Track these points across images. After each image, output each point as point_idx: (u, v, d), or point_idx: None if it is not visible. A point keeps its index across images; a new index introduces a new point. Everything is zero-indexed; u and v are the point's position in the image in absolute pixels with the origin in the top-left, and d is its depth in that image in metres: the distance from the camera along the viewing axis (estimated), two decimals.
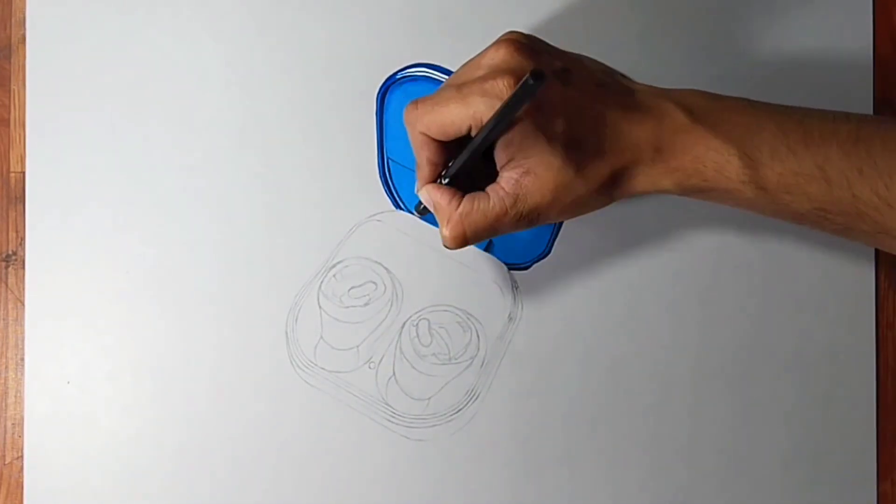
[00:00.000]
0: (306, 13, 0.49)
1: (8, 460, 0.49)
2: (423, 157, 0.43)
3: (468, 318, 0.49)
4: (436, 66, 0.49)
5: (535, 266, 0.49)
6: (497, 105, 0.38)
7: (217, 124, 0.49)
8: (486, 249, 0.49)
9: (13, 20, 0.49)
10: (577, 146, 0.40)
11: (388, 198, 0.49)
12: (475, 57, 0.41)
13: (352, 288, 0.49)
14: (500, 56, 0.40)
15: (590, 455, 0.49)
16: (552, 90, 0.40)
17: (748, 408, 0.49)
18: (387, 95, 0.49)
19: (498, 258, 0.49)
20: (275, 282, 0.49)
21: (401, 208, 0.49)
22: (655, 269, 0.49)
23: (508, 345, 0.49)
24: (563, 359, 0.49)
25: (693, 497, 0.49)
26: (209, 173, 0.49)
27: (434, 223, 0.48)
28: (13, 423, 0.49)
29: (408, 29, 0.49)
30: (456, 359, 0.49)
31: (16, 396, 0.49)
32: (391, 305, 0.49)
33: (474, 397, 0.49)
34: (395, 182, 0.49)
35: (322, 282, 0.49)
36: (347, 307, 0.49)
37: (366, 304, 0.49)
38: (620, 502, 0.49)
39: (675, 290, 0.49)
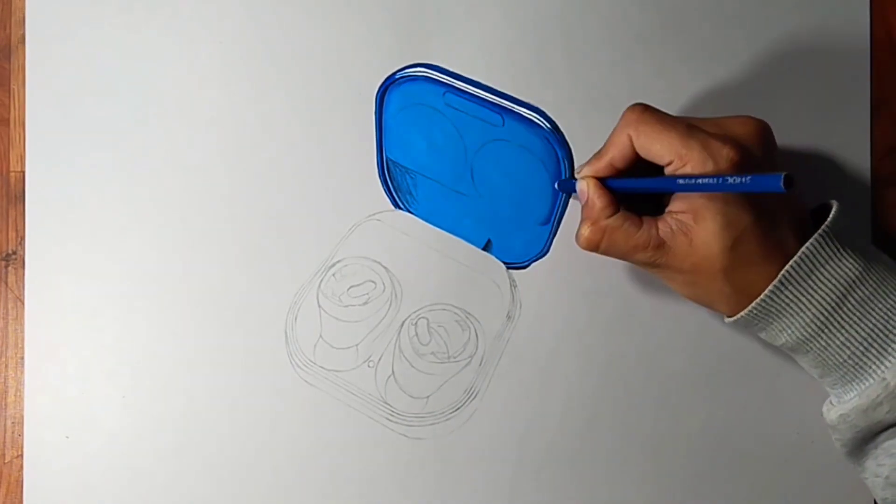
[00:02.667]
0: (306, 13, 0.49)
1: (8, 459, 0.49)
2: (609, 153, 0.43)
3: (467, 317, 0.49)
4: (436, 66, 0.49)
5: (533, 265, 0.49)
6: (709, 165, 0.39)
7: (217, 124, 0.49)
8: (485, 248, 0.49)
9: (13, 20, 0.49)
10: (748, 251, 0.40)
11: (387, 197, 0.49)
12: (721, 118, 0.42)
13: (351, 287, 0.49)
14: (744, 131, 0.41)
15: (588, 453, 0.49)
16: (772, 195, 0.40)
17: (747, 407, 0.49)
18: (386, 95, 0.49)
19: (496, 257, 0.49)
20: (274, 281, 0.49)
21: (400, 208, 0.49)
22: None
23: (507, 343, 0.49)
24: (562, 357, 0.49)
25: (692, 496, 0.49)
26: (209, 173, 0.49)
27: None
28: (13, 422, 0.49)
29: (408, 29, 0.49)
30: (454, 357, 0.49)
31: (16, 395, 0.49)
32: (390, 304, 0.49)
33: (473, 396, 0.49)
34: (394, 182, 0.49)
35: (321, 281, 0.49)
36: (347, 306, 0.49)
37: (365, 303, 0.49)
38: (619, 500, 0.49)
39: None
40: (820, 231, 0.40)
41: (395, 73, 0.49)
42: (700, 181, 0.39)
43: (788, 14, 0.50)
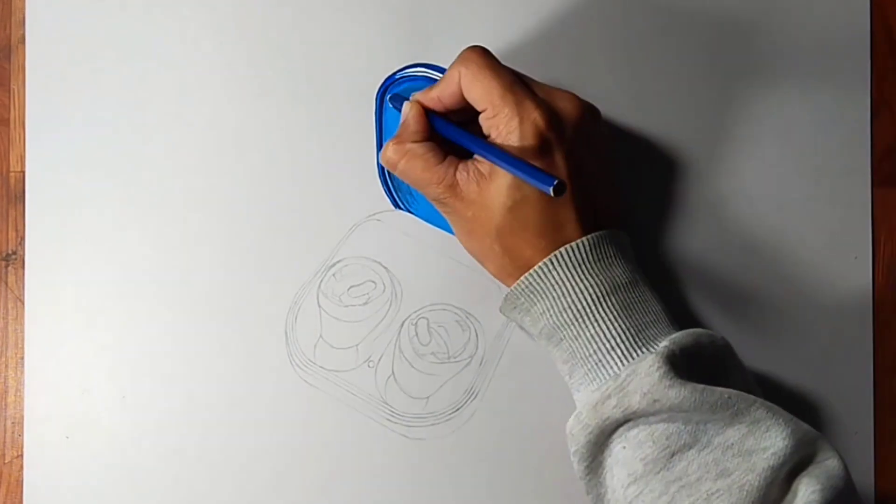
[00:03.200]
0: (306, 13, 0.49)
1: (8, 459, 0.49)
2: (439, 87, 0.44)
3: (467, 317, 0.49)
4: (436, 66, 0.49)
5: None
6: (514, 122, 0.41)
7: (217, 124, 0.49)
8: None
9: (13, 20, 0.49)
10: (525, 217, 0.41)
11: (387, 197, 0.49)
12: (553, 86, 0.43)
13: (351, 287, 0.49)
14: (564, 106, 0.42)
15: None
16: (558, 152, 0.41)
17: None
18: (386, 95, 0.49)
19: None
20: (274, 281, 0.49)
21: (400, 208, 0.49)
22: (654, 268, 0.49)
23: (507, 343, 0.49)
24: None
25: None
26: (209, 173, 0.49)
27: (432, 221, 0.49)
28: (13, 422, 0.49)
29: (408, 29, 0.49)
30: (455, 357, 0.49)
31: (16, 395, 0.49)
32: (390, 304, 0.49)
33: (473, 396, 0.49)
34: (394, 182, 0.49)
35: (321, 281, 0.49)
36: (347, 306, 0.49)
37: (365, 303, 0.49)
38: None
39: (674, 291, 0.49)
40: (610, 230, 0.42)
41: (395, 73, 0.49)
42: (490, 154, 0.40)
43: (788, 14, 0.50)
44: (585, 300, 0.41)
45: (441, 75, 0.49)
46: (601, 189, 0.44)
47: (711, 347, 0.41)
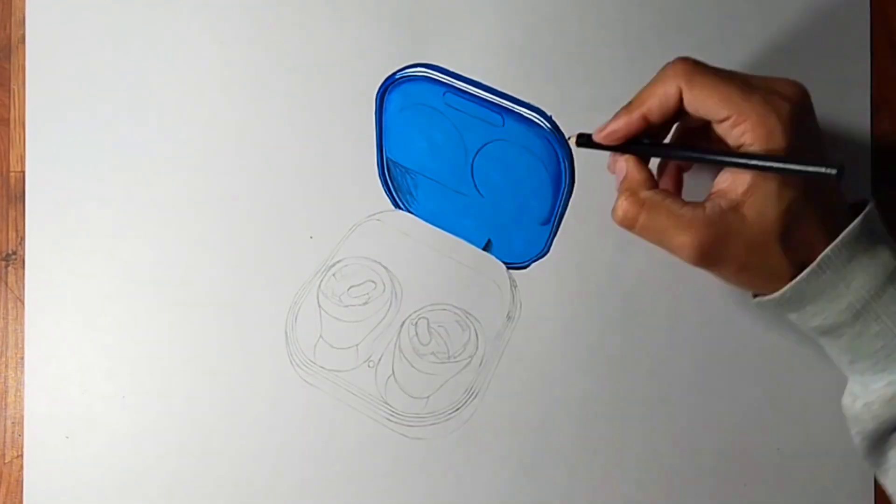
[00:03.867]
0: (306, 13, 0.49)
1: (8, 459, 0.49)
2: (645, 105, 0.40)
3: (467, 317, 0.49)
4: (436, 66, 0.49)
5: (533, 265, 0.49)
6: (771, 120, 0.37)
7: (217, 124, 0.49)
8: (485, 249, 0.49)
9: (13, 20, 0.49)
10: (802, 214, 0.38)
11: (387, 197, 0.49)
12: (768, 77, 0.40)
13: (351, 287, 0.49)
14: (792, 92, 0.38)
15: (588, 453, 0.49)
16: (804, 142, 0.38)
17: (747, 407, 0.49)
18: (386, 95, 0.49)
19: (497, 257, 0.49)
20: (274, 281, 0.49)
21: (400, 208, 0.49)
22: (654, 268, 0.49)
23: (507, 343, 0.49)
24: (562, 357, 0.49)
25: (692, 496, 0.49)
26: (209, 173, 0.49)
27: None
28: (13, 422, 0.49)
29: (408, 29, 0.49)
30: (455, 357, 0.49)
31: (16, 395, 0.49)
32: (390, 304, 0.49)
33: (473, 396, 0.49)
34: (394, 182, 0.49)
35: (322, 281, 0.49)
36: (347, 306, 0.49)
37: (365, 303, 0.49)
38: (619, 500, 0.49)
39: (674, 290, 0.49)
40: (862, 216, 0.39)
41: (395, 73, 0.49)
42: (755, 160, 0.37)
43: (788, 14, 0.50)
44: (862, 298, 0.39)
45: (441, 75, 0.49)
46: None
47: None
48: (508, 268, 0.49)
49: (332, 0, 0.49)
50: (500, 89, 0.49)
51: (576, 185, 0.49)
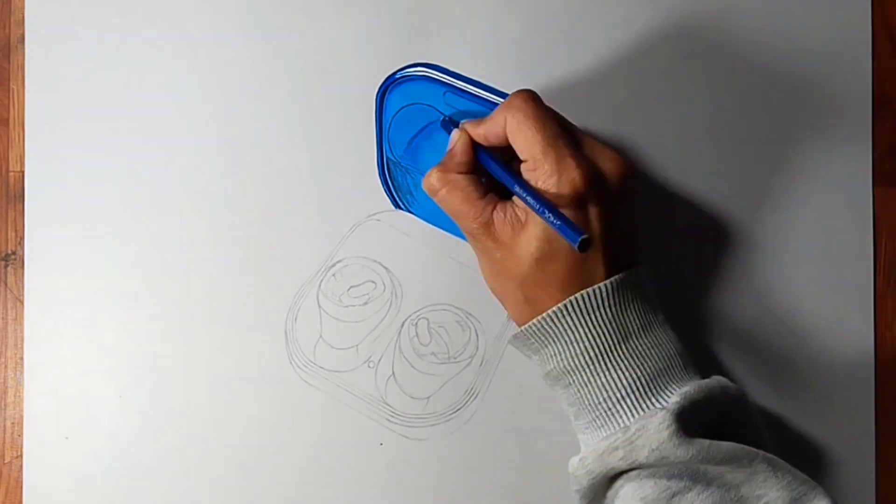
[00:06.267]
0: (306, 13, 0.49)
1: (7, 459, 0.49)
2: (487, 126, 0.43)
3: (467, 318, 0.49)
4: (436, 65, 0.49)
5: None
6: (552, 180, 0.40)
7: (216, 124, 0.49)
8: None
9: (12, 19, 0.49)
10: (551, 267, 0.41)
11: (387, 197, 0.49)
12: (600, 144, 0.43)
13: (351, 287, 0.49)
14: (608, 167, 0.41)
15: None
16: (593, 206, 0.41)
17: None
18: (386, 95, 0.49)
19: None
20: (274, 281, 0.49)
21: (400, 208, 0.49)
22: (654, 268, 0.49)
23: (507, 344, 0.49)
24: None
25: None
26: (208, 173, 0.49)
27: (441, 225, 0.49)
28: (13, 423, 0.49)
29: (408, 29, 0.49)
30: (455, 358, 0.49)
31: (15, 395, 0.49)
32: (390, 305, 0.49)
33: (473, 396, 0.49)
34: (394, 182, 0.49)
35: (321, 281, 0.49)
36: (347, 306, 0.49)
37: (365, 304, 0.49)
38: None
39: (674, 289, 0.49)
40: (629, 270, 0.42)
41: (395, 73, 0.49)
42: (528, 197, 0.40)
43: (789, 14, 0.50)
44: (597, 347, 0.41)
45: (441, 75, 0.49)
46: (625, 236, 0.43)
47: (723, 398, 0.41)
48: None
49: (332, 0, 0.49)
50: (500, 89, 0.49)
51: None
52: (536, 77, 0.49)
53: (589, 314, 0.41)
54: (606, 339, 0.41)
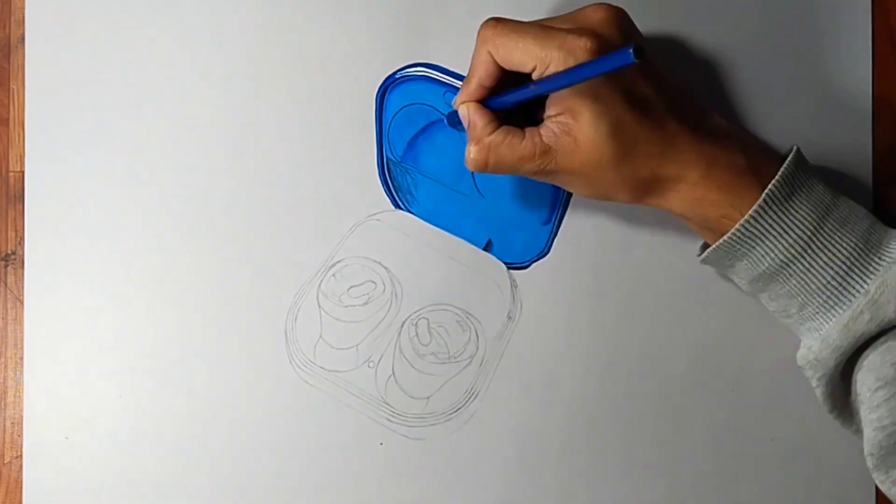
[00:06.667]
0: (306, 13, 0.49)
1: (7, 459, 0.49)
2: (476, 75, 0.43)
3: (467, 317, 0.49)
4: (436, 65, 0.49)
5: (534, 265, 0.49)
6: (570, 61, 0.39)
7: (217, 124, 0.49)
8: (486, 249, 0.49)
9: (12, 19, 0.49)
10: (629, 135, 0.41)
11: (387, 197, 0.49)
12: (573, 11, 0.42)
13: (351, 287, 0.49)
14: (597, 18, 0.41)
15: (589, 454, 0.49)
16: (628, 80, 0.41)
17: (748, 407, 0.49)
18: (386, 95, 0.49)
19: (497, 257, 0.49)
20: (274, 281, 0.49)
21: (400, 208, 0.49)
22: (655, 268, 0.49)
23: (507, 344, 0.49)
24: (562, 358, 0.49)
25: (692, 496, 0.49)
26: (208, 173, 0.49)
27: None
28: (12, 423, 0.49)
29: (408, 29, 0.49)
30: (455, 358, 0.49)
31: (15, 395, 0.49)
32: (390, 304, 0.49)
33: (473, 396, 0.49)
34: (394, 182, 0.49)
35: (321, 281, 0.49)
36: (347, 306, 0.49)
37: (365, 304, 0.49)
38: (620, 500, 0.49)
39: (675, 290, 0.49)
40: (793, 154, 0.41)
41: (395, 73, 0.49)
42: (558, 78, 0.39)
43: (789, 13, 0.50)
44: (808, 229, 0.40)
45: (441, 75, 0.49)
46: (697, 107, 0.43)
47: None
48: (509, 268, 0.49)
49: (332, 0, 0.49)
50: None
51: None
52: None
53: (788, 201, 0.40)
54: (813, 218, 0.41)
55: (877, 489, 0.49)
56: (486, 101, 0.43)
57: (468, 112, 0.43)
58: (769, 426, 0.49)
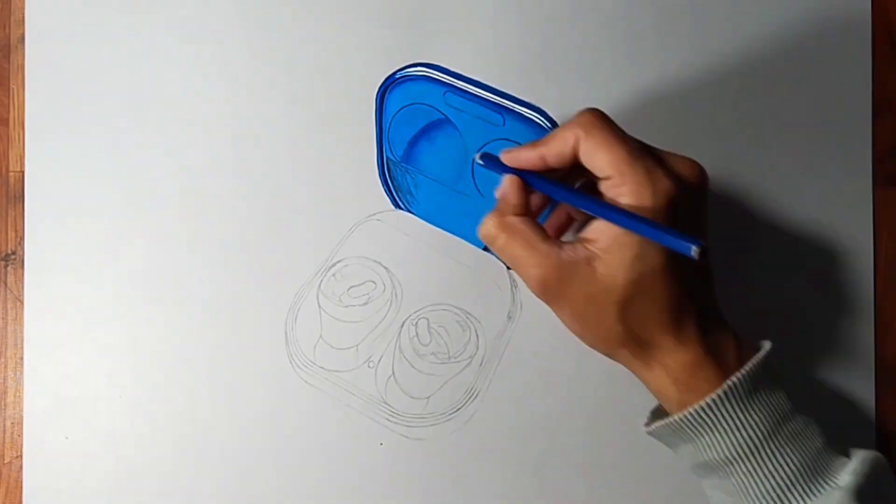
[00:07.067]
0: (306, 13, 0.49)
1: (7, 459, 0.49)
2: (547, 147, 0.40)
3: (467, 318, 0.49)
4: (436, 65, 0.49)
5: None
6: (645, 194, 0.38)
7: (216, 124, 0.49)
8: (486, 249, 0.49)
9: (12, 19, 0.49)
10: (649, 293, 0.38)
11: (387, 197, 0.49)
12: (672, 153, 0.40)
13: (351, 287, 0.49)
14: (687, 172, 0.39)
15: (588, 453, 0.49)
16: (675, 264, 0.38)
17: None
18: (386, 95, 0.49)
19: (497, 257, 0.49)
20: (274, 281, 0.49)
21: (400, 208, 0.49)
22: None
23: (507, 344, 0.49)
24: (562, 357, 0.49)
25: (692, 496, 0.49)
26: (209, 173, 0.49)
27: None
28: (12, 423, 0.49)
29: (408, 29, 0.49)
30: (455, 358, 0.49)
31: (15, 395, 0.49)
32: (390, 304, 0.49)
33: (473, 396, 0.49)
34: (394, 182, 0.49)
35: (322, 281, 0.49)
36: (347, 306, 0.49)
37: (365, 304, 0.49)
38: (619, 501, 0.49)
39: None
40: (765, 352, 0.40)
41: (395, 73, 0.49)
42: (615, 212, 0.38)
43: (789, 13, 0.50)
44: (759, 433, 0.39)
45: (441, 75, 0.49)
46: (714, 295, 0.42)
47: (882, 472, 0.40)
48: (509, 268, 0.49)
49: (332, 0, 0.49)
50: (500, 89, 0.49)
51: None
52: (536, 77, 0.49)
53: (747, 399, 0.39)
54: (767, 423, 0.39)
55: None
56: (531, 178, 0.41)
57: (509, 186, 0.41)
58: None
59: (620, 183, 0.38)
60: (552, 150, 0.40)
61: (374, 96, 0.49)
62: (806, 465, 0.39)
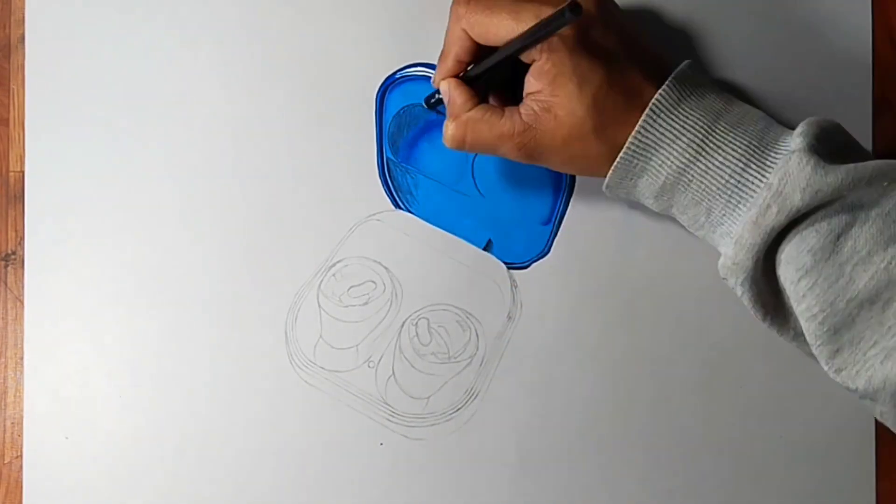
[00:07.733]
0: (306, 13, 0.49)
1: (7, 459, 0.49)
2: (452, 52, 0.43)
3: (467, 318, 0.49)
4: (435, 66, 0.49)
5: (534, 265, 0.49)
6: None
7: (216, 124, 0.49)
8: (486, 249, 0.49)
9: (12, 19, 0.49)
10: (607, 104, 0.41)
11: (387, 197, 0.49)
12: None
13: (351, 287, 0.49)
14: None
15: (588, 454, 0.49)
16: (598, 38, 0.41)
17: (748, 407, 0.49)
18: (386, 95, 0.49)
19: (497, 257, 0.49)
20: (274, 281, 0.49)
21: (400, 208, 0.49)
22: (655, 268, 0.49)
23: (507, 344, 0.49)
24: (562, 358, 0.49)
25: (692, 496, 0.49)
26: (209, 172, 0.49)
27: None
28: (12, 423, 0.49)
29: (408, 29, 0.49)
30: (455, 358, 0.49)
31: (15, 395, 0.49)
32: (390, 304, 0.49)
33: (473, 396, 0.49)
34: (394, 182, 0.49)
35: (322, 281, 0.49)
36: (347, 306, 0.49)
37: (365, 304, 0.49)
38: (619, 501, 0.49)
39: (675, 289, 0.49)
40: (681, 67, 0.42)
41: (395, 73, 0.49)
42: (531, 37, 0.39)
43: (789, 13, 0.50)
44: (699, 133, 0.40)
45: None
46: (649, 49, 0.43)
47: (834, 129, 0.41)
48: (509, 268, 0.49)
49: (332, 0, 0.49)
50: None
51: (576, 184, 0.49)
52: None
53: (675, 108, 0.41)
54: (704, 121, 0.41)
55: (877, 489, 0.49)
56: (464, 75, 0.44)
57: (448, 88, 0.44)
58: (769, 425, 0.49)
59: (517, 28, 0.41)
60: (458, 51, 0.43)
61: (374, 96, 0.49)
62: (752, 146, 0.40)
